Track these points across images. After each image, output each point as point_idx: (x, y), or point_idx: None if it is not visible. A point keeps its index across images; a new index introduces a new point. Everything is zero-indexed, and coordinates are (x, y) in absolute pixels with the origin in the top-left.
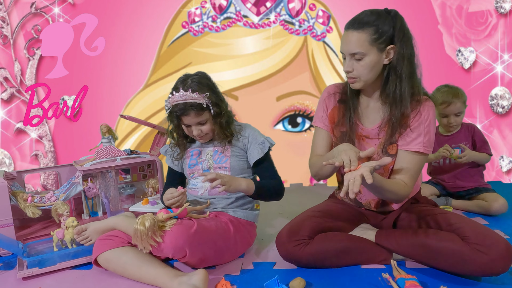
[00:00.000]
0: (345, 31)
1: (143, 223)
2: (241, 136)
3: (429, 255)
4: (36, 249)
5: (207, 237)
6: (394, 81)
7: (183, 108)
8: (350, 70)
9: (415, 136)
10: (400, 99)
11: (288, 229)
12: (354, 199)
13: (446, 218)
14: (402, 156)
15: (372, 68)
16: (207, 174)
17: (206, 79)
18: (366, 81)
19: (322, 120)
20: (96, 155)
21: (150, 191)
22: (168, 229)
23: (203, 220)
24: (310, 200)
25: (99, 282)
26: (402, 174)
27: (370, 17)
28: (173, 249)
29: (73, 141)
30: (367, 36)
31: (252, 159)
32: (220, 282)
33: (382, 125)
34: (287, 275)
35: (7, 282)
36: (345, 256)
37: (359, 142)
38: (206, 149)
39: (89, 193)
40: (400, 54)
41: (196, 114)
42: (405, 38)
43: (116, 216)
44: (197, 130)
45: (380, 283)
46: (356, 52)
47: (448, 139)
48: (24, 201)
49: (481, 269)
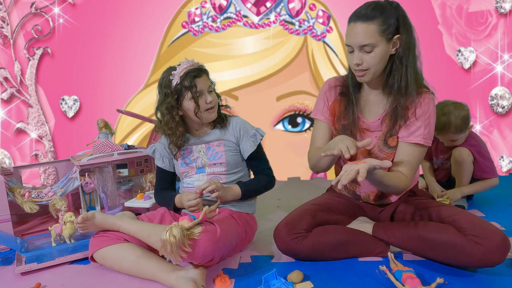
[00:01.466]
0: (351, 24)
1: (173, 234)
2: (231, 127)
3: (425, 247)
4: (34, 244)
5: (228, 238)
6: (400, 70)
7: (198, 69)
8: (359, 63)
9: (416, 129)
10: (406, 88)
11: (286, 222)
12: (353, 191)
13: (443, 210)
14: (402, 148)
15: (381, 59)
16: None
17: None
18: (374, 72)
19: (322, 112)
20: (93, 150)
21: (148, 186)
22: (196, 237)
23: (219, 221)
24: (308, 193)
25: (97, 276)
26: (402, 166)
27: (376, 8)
28: (202, 257)
29: (73, 141)
30: (376, 27)
31: (245, 152)
32: (218, 276)
33: (383, 117)
34: (285, 268)
35: (5, 277)
36: (343, 249)
37: (360, 135)
38: (198, 146)
39: (87, 188)
40: (406, 44)
41: (207, 78)
42: (409, 28)
43: (120, 218)
44: (211, 95)
45: (378, 275)
46: (366, 43)
47: (446, 150)
48: (21, 197)
49: (477, 261)
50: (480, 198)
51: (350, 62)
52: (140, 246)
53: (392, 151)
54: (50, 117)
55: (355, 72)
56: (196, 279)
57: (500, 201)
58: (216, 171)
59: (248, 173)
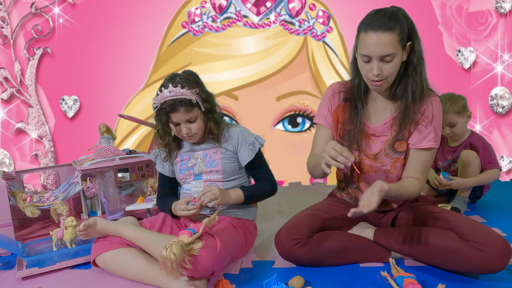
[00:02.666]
0: (369, 33)
1: (173, 252)
2: (229, 136)
3: (427, 253)
4: (36, 248)
5: (228, 250)
6: (414, 77)
7: (172, 104)
8: (380, 73)
9: (428, 133)
10: (421, 93)
11: (287, 228)
12: (355, 198)
13: (444, 216)
14: (415, 155)
15: (398, 67)
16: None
17: (194, 76)
18: (390, 81)
19: (325, 118)
20: (95, 155)
21: (149, 191)
22: (196, 253)
23: (219, 233)
24: (309, 199)
25: (98, 281)
26: (415, 171)
27: (392, 17)
28: (203, 272)
29: (73, 141)
30: (397, 36)
31: (243, 161)
32: (219, 281)
33: (390, 122)
34: (286, 274)
35: (6, 281)
36: (344, 254)
37: (366, 141)
38: (196, 153)
39: (88, 193)
40: (417, 50)
41: (186, 111)
42: (417, 34)
43: (122, 224)
44: (186, 128)
45: (379, 281)
46: (388, 53)
47: (452, 151)
48: (23, 201)
49: (479, 267)
50: (482, 204)
51: (365, 72)
52: (142, 251)
53: (399, 156)
54: (50, 117)
55: (372, 82)
56: (197, 285)
57: (502, 207)
58: (213, 178)
59: (248, 180)
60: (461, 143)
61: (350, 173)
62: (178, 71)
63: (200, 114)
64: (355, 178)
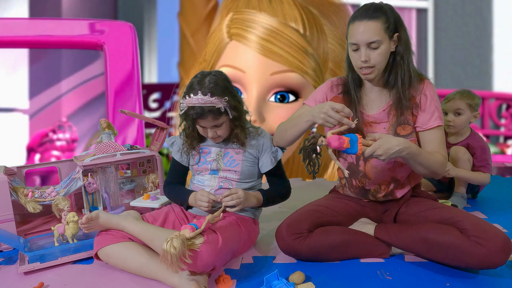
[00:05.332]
0: (355, 23)
1: (173, 245)
2: (256, 143)
3: (427, 248)
4: (37, 244)
5: (230, 247)
6: (402, 66)
7: (200, 113)
8: (367, 59)
9: (431, 115)
10: (410, 81)
11: (288, 222)
12: (361, 187)
13: (445, 211)
14: (425, 136)
15: (385, 56)
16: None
17: (223, 80)
18: (380, 69)
19: (316, 103)
20: (96, 151)
21: (150, 186)
22: (197, 248)
23: (222, 229)
24: (310, 194)
25: (100, 276)
26: (434, 148)
27: (377, 9)
28: (203, 268)
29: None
30: (381, 24)
31: (264, 168)
32: (220, 277)
33: (388, 108)
34: (287, 269)
35: (8, 277)
36: (344, 249)
37: (367, 128)
38: (218, 149)
39: (89, 188)
40: (404, 41)
41: (214, 118)
42: (404, 26)
43: (125, 218)
44: (212, 132)
45: (379, 276)
46: (374, 40)
47: (449, 147)
48: (24, 196)
49: (479, 262)
50: (483, 200)
51: (355, 60)
52: (144, 245)
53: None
54: None
55: (361, 71)
56: (198, 280)
57: (502, 203)
58: (229, 177)
59: (261, 184)
60: (459, 142)
61: (355, 162)
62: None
63: (227, 120)
64: (361, 166)
